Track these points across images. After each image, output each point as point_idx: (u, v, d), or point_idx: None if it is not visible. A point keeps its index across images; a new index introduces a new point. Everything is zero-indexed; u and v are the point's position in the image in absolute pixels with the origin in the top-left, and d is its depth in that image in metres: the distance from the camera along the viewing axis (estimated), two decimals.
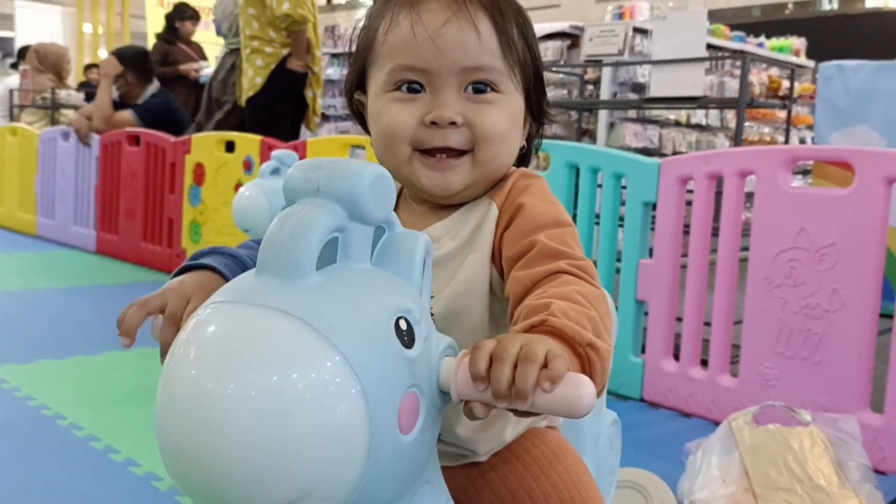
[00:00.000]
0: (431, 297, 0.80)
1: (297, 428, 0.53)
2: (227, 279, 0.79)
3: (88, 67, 8.23)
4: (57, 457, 1.98)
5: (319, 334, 0.55)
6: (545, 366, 0.59)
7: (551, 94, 5.86)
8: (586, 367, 0.65)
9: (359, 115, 0.93)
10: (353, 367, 0.55)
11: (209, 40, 6.34)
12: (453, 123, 0.81)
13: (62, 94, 6.73)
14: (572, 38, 6.15)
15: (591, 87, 6.02)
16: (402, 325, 0.59)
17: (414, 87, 0.83)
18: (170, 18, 6.16)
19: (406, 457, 0.59)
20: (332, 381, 0.54)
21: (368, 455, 0.55)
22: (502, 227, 0.83)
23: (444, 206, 0.87)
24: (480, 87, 0.83)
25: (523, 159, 0.96)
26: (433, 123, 0.82)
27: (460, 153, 0.83)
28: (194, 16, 6.12)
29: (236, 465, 0.53)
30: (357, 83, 0.91)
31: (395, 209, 0.83)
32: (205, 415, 0.53)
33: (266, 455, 0.52)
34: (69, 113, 6.43)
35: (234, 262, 0.83)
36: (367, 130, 0.92)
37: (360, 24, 0.90)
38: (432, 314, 0.80)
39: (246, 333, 0.55)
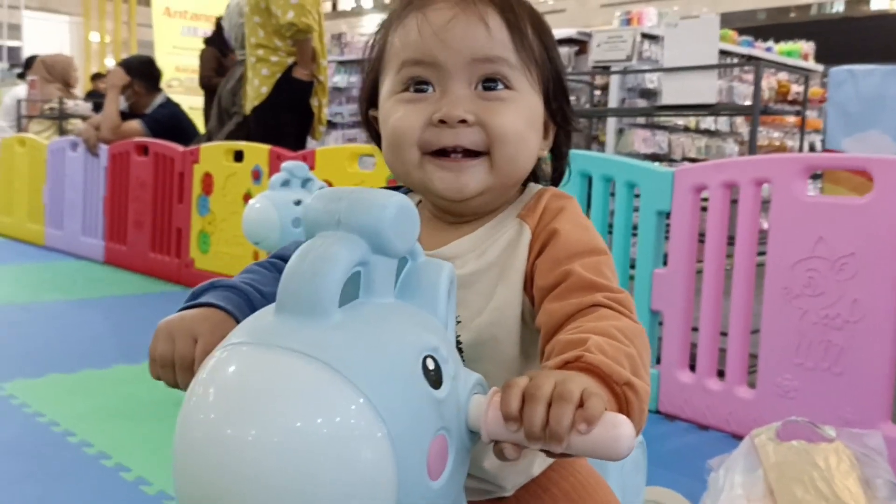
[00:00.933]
0: (458, 322, 0.77)
1: (321, 476, 0.50)
2: (230, 314, 0.75)
3: (95, 77, 8.21)
4: (68, 475, 1.95)
5: (343, 377, 0.52)
6: (581, 405, 0.55)
7: None
8: (623, 407, 0.62)
9: (375, 132, 0.89)
10: (378, 411, 0.52)
11: None
12: (464, 122, 0.77)
13: (70, 104, 6.74)
14: (580, 45, 6.13)
15: (598, 92, 5.99)
16: (430, 364, 0.56)
17: (421, 88, 0.79)
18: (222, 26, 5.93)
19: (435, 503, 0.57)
20: (357, 427, 0.51)
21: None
22: (535, 252, 0.78)
23: (467, 220, 0.83)
24: (492, 85, 0.78)
25: (557, 175, 0.92)
26: (442, 122, 0.77)
27: (475, 154, 0.78)
28: None
29: None
30: (371, 98, 0.87)
31: None
32: (224, 461, 0.51)
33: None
34: (78, 123, 6.42)
35: (235, 294, 0.78)
36: (381, 146, 0.88)
37: (374, 39, 0.87)
38: (460, 343, 0.77)
39: (267, 377, 0.52)
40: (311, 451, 0.50)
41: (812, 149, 7.04)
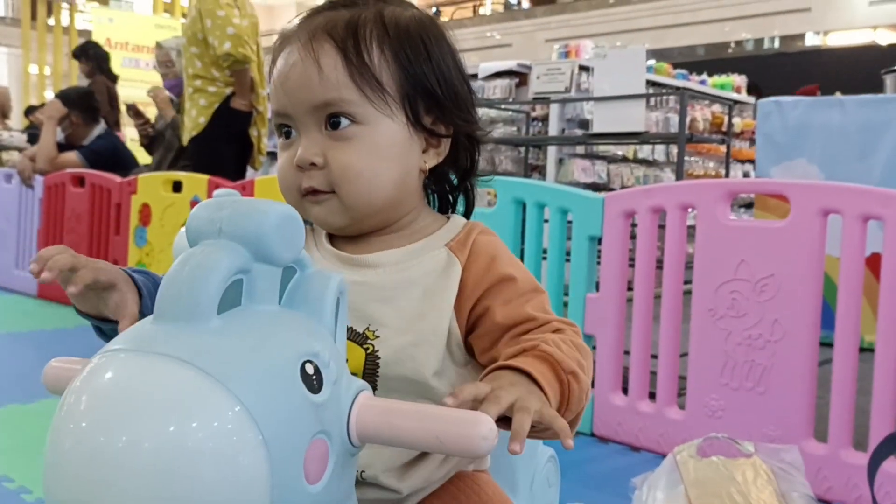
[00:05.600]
0: (377, 337, 0.80)
1: (193, 482, 0.50)
2: (138, 288, 0.80)
3: (30, 110, 8.02)
4: None
5: (217, 382, 0.52)
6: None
7: (500, 131, 5.93)
8: (566, 394, 0.71)
9: None
10: (253, 416, 0.52)
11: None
12: (313, 165, 0.81)
13: (5, 135, 6.61)
14: (520, 77, 6.24)
15: (539, 123, 6.09)
16: (309, 368, 0.57)
17: (288, 132, 0.84)
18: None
19: None
20: (231, 432, 0.52)
21: None
22: (477, 289, 0.81)
23: (388, 232, 0.86)
24: (336, 122, 0.81)
25: (450, 193, 0.92)
26: (299, 167, 0.82)
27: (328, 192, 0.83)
28: None
29: None
30: None
31: (339, 237, 0.86)
32: (95, 469, 0.50)
33: None
34: (14, 155, 6.30)
35: (151, 283, 0.83)
36: None
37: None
38: (378, 357, 0.79)
39: (140, 383, 0.52)
40: (183, 458, 0.50)
41: (746, 177, 7.24)
